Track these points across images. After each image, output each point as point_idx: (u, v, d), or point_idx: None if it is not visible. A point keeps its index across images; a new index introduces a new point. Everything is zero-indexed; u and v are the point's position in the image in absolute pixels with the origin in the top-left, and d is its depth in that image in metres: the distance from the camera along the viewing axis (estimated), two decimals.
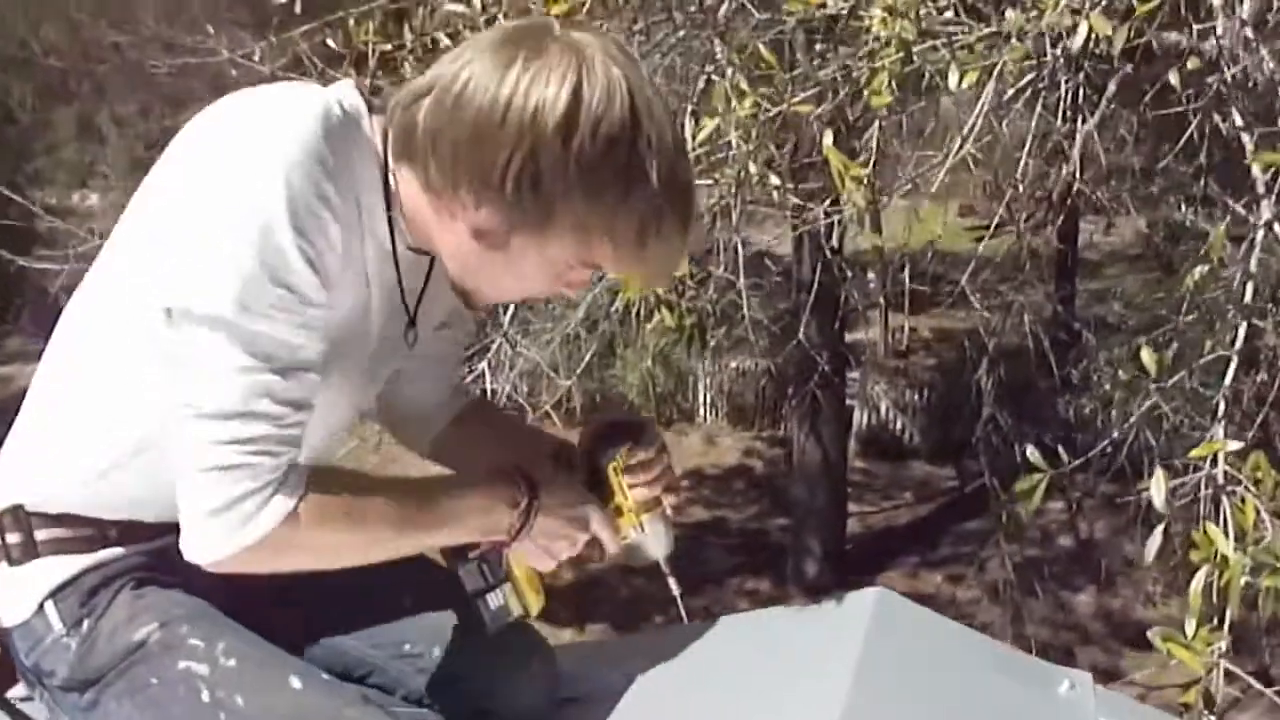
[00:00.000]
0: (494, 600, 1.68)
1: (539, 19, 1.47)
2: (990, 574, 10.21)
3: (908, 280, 17.28)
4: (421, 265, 1.60)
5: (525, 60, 1.37)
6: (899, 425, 15.39)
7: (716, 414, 16.27)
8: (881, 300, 16.90)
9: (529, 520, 1.64)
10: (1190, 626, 2.35)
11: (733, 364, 15.90)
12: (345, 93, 1.50)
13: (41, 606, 1.57)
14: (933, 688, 1.75)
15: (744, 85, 3.05)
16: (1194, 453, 2.77)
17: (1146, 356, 2.75)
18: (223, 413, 1.35)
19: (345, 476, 1.52)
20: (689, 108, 3.56)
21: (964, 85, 2.96)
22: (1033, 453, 2.85)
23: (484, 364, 4.85)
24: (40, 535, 1.57)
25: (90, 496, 1.57)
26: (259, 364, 1.35)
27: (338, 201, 1.39)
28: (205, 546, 1.40)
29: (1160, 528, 2.62)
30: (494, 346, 4.94)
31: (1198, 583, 2.38)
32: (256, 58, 4.54)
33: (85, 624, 1.56)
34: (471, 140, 1.38)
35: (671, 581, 1.81)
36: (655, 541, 1.78)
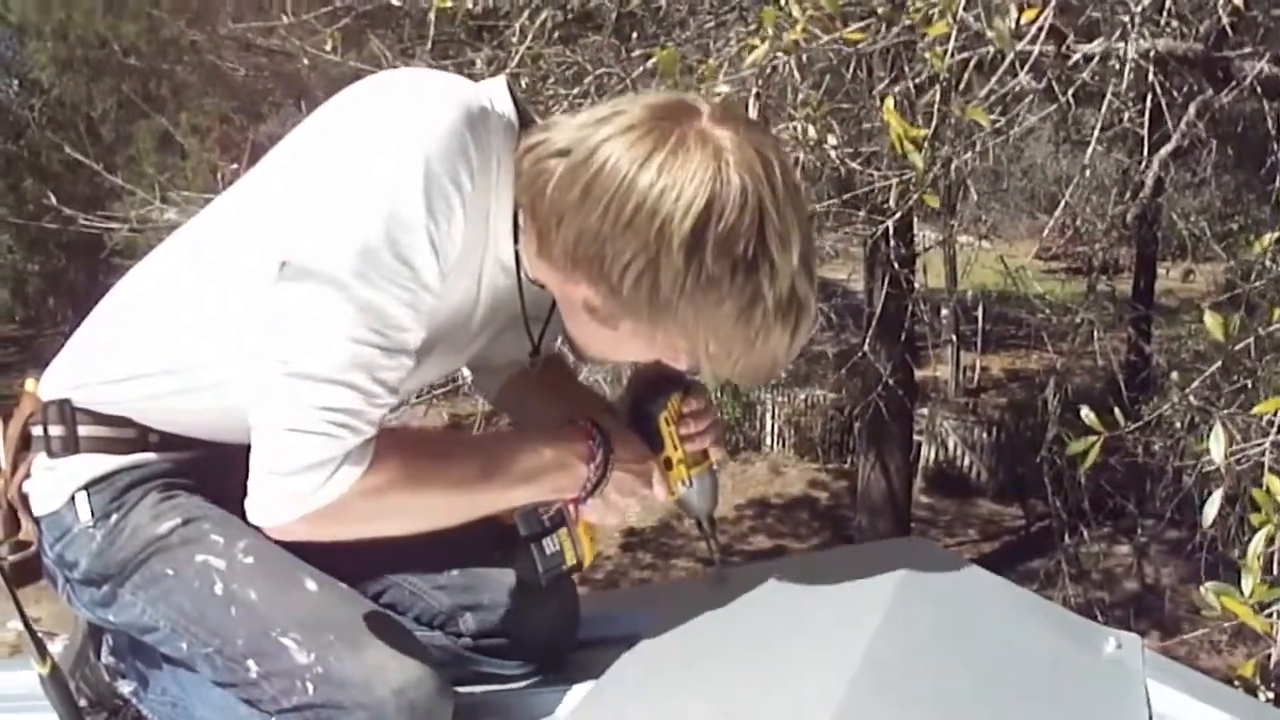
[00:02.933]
0: (549, 545, 1.64)
1: (688, 100, 1.42)
2: None
3: (980, 319, 17.23)
4: (545, 297, 1.56)
5: (664, 159, 1.33)
6: (966, 462, 15.28)
7: (783, 444, 16.22)
8: (953, 338, 16.82)
9: (605, 475, 1.60)
10: (1247, 585, 2.26)
11: (801, 395, 15.87)
12: (498, 94, 1.49)
13: (73, 498, 1.58)
14: (965, 633, 1.69)
15: (795, 11, 2.95)
16: (1258, 408, 2.68)
17: (1210, 321, 2.65)
18: (320, 376, 1.33)
19: (416, 439, 1.51)
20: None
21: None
22: (1087, 414, 2.78)
23: None
24: (83, 431, 1.59)
25: (146, 409, 1.60)
26: (367, 335, 1.33)
27: (470, 194, 1.37)
28: (268, 507, 1.38)
29: (1219, 492, 2.54)
30: None
31: (1258, 541, 2.30)
32: (329, 47, 4.62)
33: (113, 518, 1.57)
34: (595, 235, 1.36)
35: (712, 543, 1.79)
36: (702, 498, 1.73)
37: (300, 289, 1.34)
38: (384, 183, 1.32)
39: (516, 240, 1.49)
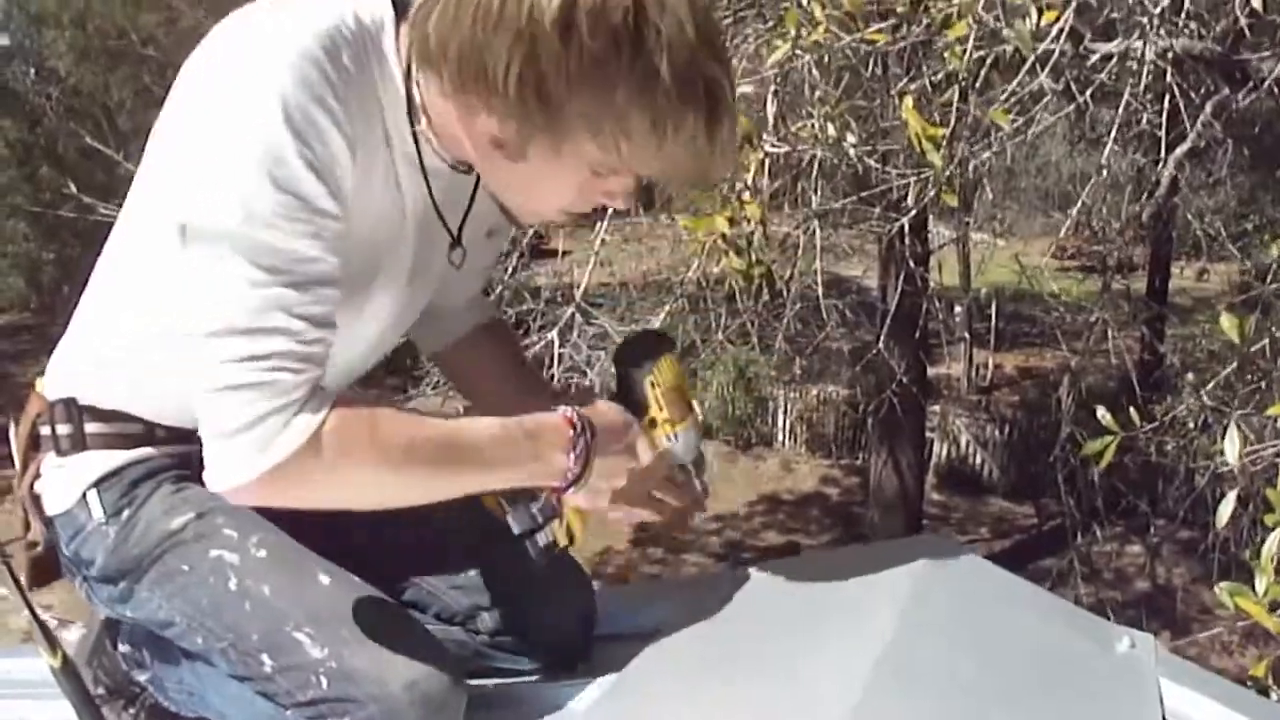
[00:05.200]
0: (542, 539, 1.62)
1: None
2: None
3: (994, 317, 17.20)
4: (465, 183, 1.54)
5: None
6: (978, 460, 15.26)
7: (795, 440, 16.21)
8: (967, 335, 16.81)
9: (588, 464, 1.53)
10: (1260, 585, 2.27)
11: (814, 391, 15.86)
12: (365, 2, 1.43)
13: (84, 495, 1.58)
14: (980, 631, 1.70)
15: (817, 12, 2.96)
16: (1271, 410, 2.67)
17: (1226, 323, 2.65)
18: (232, 328, 1.29)
19: (380, 407, 1.43)
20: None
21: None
22: (1103, 414, 2.78)
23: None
24: (90, 429, 1.58)
25: (138, 397, 1.60)
26: (270, 277, 1.30)
27: (340, 111, 1.33)
28: (223, 471, 1.33)
29: (1233, 494, 2.54)
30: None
31: (1271, 542, 2.30)
32: None
33: (125, 513, 1.57)
34: (472, 44, 1.30)
35: (697, 482, 1.79)
36: (686, 449, 1.75)
37: (199, 250, 1.31)
38: (245, 123, 1.29)
39: (415, 124, 1.45)
